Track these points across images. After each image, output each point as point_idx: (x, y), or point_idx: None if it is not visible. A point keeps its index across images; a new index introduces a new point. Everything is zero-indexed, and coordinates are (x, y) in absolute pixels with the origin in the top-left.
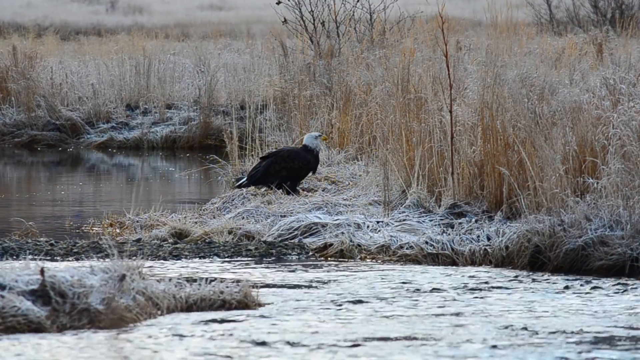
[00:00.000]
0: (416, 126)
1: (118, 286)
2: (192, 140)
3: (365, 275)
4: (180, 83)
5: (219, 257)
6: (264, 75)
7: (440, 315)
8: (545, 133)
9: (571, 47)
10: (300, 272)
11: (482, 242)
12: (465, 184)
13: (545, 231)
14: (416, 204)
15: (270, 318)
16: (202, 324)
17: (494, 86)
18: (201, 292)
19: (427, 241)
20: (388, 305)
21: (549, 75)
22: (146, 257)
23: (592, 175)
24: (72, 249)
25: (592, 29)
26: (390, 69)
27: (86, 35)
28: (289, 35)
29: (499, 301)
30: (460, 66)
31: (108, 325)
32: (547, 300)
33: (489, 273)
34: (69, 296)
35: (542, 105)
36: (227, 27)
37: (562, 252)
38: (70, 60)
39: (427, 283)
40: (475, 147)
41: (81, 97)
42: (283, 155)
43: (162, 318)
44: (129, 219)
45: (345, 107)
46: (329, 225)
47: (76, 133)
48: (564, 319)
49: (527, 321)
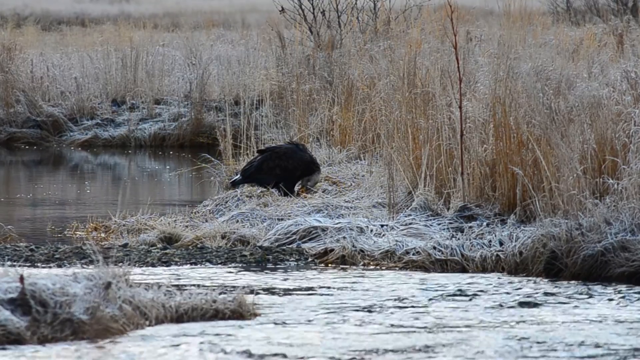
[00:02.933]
0: (423, 123)
1: (103, 295)
2: (183, 138)
3: (368, 283)
4: (170, 77)
5: (212, 263)
6: (260, 69)
7: (448, 325)
8: (562, 130)
9: (590, 37)
10: (298, 279)
11: (494, 248)
12: (476, 185)
13: (561, 236)
14: (423, 207)
15: (266, 329)
16: (193, 335)
17: (506, 80)
18: (192, 301)
19: (435, 246)
20: (393, 315)
21: (566, 68)
22: (133, 264)
23: (612, 176)
24: (53, 254)
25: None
26: (395, 61)
27: (69, 25)
28: (286, 25)
29: (512, 311)
30: (470, 58)
31: (92, 337)
32: (562, 309)
33: (501, 281)
34: (50, 305)
35: (559, 101)
36: (221, 16)
37: (580, 258)
38: (52, 52)
39: (434, 291)
40: (486, 145)
41: (63, 92)
42: (279, 152)
43: (151, 329)
44: (114, 223)
45: (347, 102)
46: (329, 229)
47: (58, 130)
48: (581, 330)
49: (541, 333)
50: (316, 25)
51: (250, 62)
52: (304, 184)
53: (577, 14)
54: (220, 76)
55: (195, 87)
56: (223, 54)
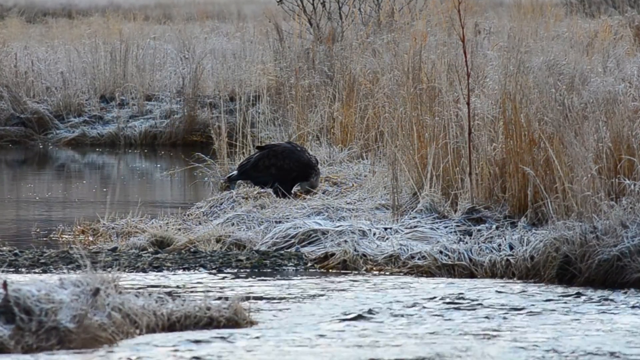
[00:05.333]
0: (429, 120)
1: (91, 302)
2: (175, 136)
3: (371, 290)
4: (162, 71)
5: (206, 268)
6: (257, 63)
7: (455, 334)
8: (576, 128)
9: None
10: (297, 285)
11: (504, 252)
12: (485, 185)
13: (575, 239)
14: (429, 209)
15: (263, 338)
16: (186, 344)
17: (517, 75)
18: (185, 309)
19: (441, 250)
20: (397, 324)
21: (580, 62)
22: (123, 269)
23: (628, 176)
24: (39, 259)
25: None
26: (399, 55)
27: (55, 17)
28: (285, 17)
29: (523, 319)
30: (479, 52)
31: (79, 346)
32: (576, 317)
33: (512, 287)
34: (35, 313)
35: (572, 97)
36: (215, 7)
37: (594, 263)
38: (37, 45)
39: (440, 298)
40: (496, 143)
41: (49, 88)
42: (276, 151)
43: (141, 338)
44: (103, 226)
45: (348, 98)
46: (330, 233)
47: (43, 128)
48: (595, 339)
49: (553, 341)
50: (316, 16)
51: (246, 56)
52: (302, 188)
53: (592, 5)
54: (214, 71)
55: (188, 82)
56: (218, 48)
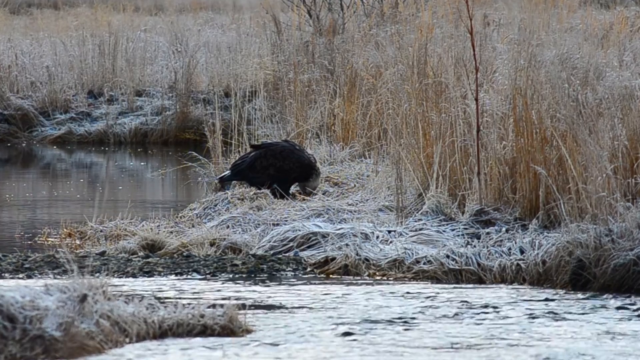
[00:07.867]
0: (435, 117)
1: (78, 308)
2: (167, 133)
3: (374, 296)
4: (153, 66)
5: (199, 273)
6: (253, 56)
7: (463, 342)
8: (590, 125)
9: (621, 22)
10: (296, 291)
11: (514, 256)
12: (494, 186)
13: (589, 243)
14: (435, 210)
15: (260, 347)
16: (178, 353)
17: (528, 69)
18: (178, 316)
19: (448, 255)
20: (401, 332)
21: (594, 55)
22: (112, 274)
23: None
24: (23, 263)
25: None
26: (404, 48)
27: (40, 8)
28: (283, 8)
29: (533, 326)
30: (488, 45)
31: (66, 355)
32: (590, 324)
33: (523, 293)
34: (19, 320)
35: (586, 92)
36: None
37: (610, 268)
38: (21, 37)
39: (447, 305)
40: (506, 142)
41: (34, 83)
42: (274, 150)
43: (131, 346)
44: (91, 228)
45: (350, 94)
46: (330, 236)
47: (28, 125)
48: (611, 348)
49: (565, 350)
50: (316, 8)
51: (242, 49)
52: (302, 190)
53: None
54: (208, 65)
55: (180, 77)
56: (212, 40)
